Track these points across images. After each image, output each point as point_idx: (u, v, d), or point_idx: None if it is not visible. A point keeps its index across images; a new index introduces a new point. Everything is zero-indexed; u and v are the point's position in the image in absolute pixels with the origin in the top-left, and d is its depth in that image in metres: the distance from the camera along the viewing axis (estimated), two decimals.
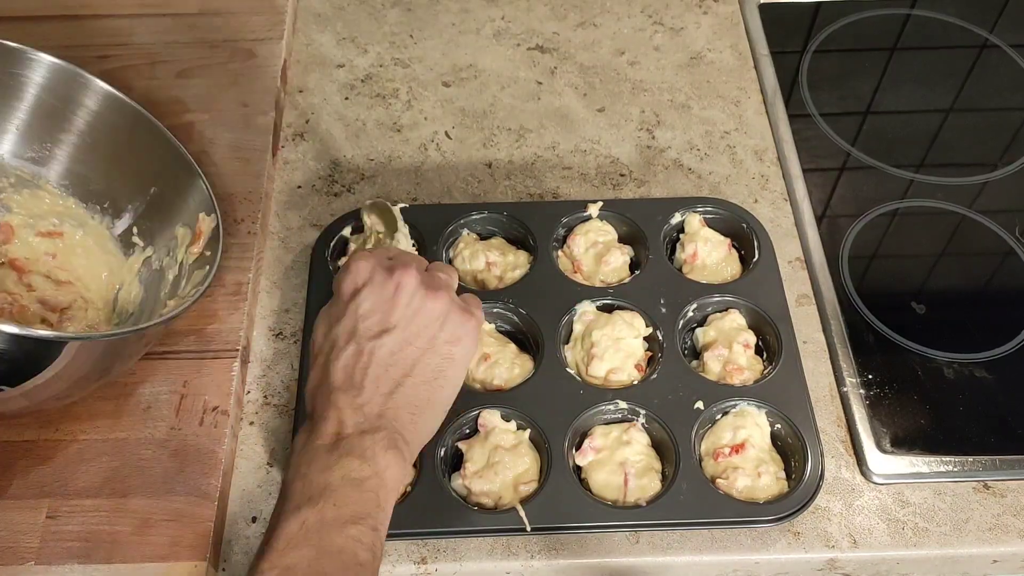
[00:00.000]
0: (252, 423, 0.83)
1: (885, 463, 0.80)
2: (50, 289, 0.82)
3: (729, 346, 0.83)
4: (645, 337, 0.84)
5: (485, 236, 0.92)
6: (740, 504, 0.76)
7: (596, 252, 0.89)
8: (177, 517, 0.74)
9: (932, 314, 0.91)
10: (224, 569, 0.75)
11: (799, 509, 0.75)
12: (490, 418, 0.79)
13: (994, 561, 0.79)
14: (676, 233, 0.92)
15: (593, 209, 0.91)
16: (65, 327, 0.80)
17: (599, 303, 0.86)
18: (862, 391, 0.85)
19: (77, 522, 0.73)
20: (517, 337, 0.86)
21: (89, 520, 0.73)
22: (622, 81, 1.08)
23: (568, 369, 0.82)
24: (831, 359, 0.87)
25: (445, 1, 1.16)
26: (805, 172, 1.00)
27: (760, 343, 0.85)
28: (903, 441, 0.82)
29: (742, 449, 0.78)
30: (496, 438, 0.78)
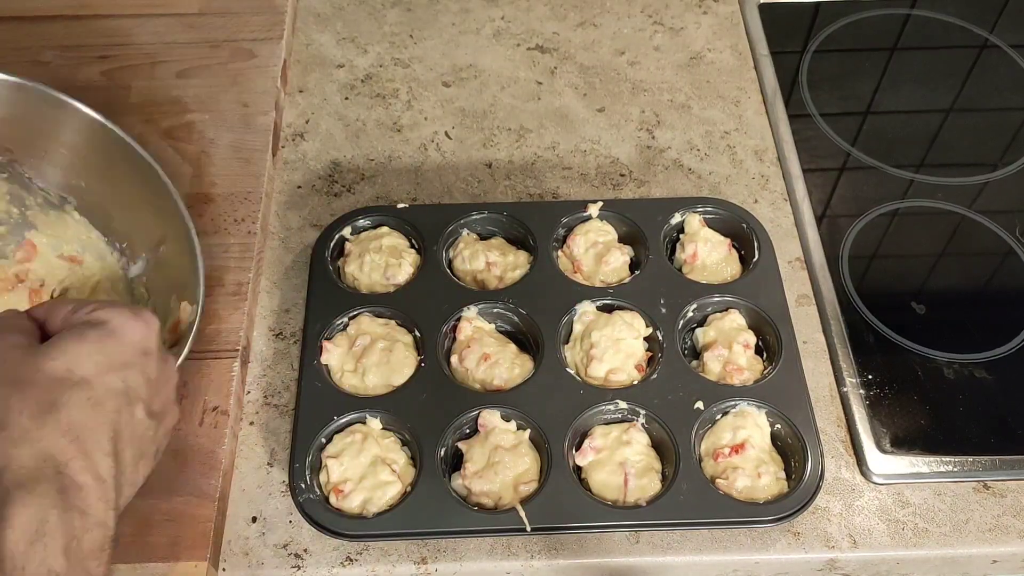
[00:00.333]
0: (252, 423, 0.83)
1: (885, 463, 0.80)
2: None
3: (729, 346, 0.83)
4: (645, 337, 0.84)
5: (485, 236, 0.92)
6: (740, 504, 0.76)
7: (596, 252, 0.89)
8: (177, 517, 0.74)
9: (932, 314, 0.91)
10: (224, 569, 0.75)
11: (799, 509, 0.75)
12: (490, 418, 0.79)
13: (994, 561, 0.79)
14: (676, 233, 0.92)
15: (593, 209, 0.91)
16: None
17: (599, 303, 0.86)
18: (862, 391, 0.85)
19: None
20: (517, 337, 0.86)
21: None
22: (622, 81, 1.08)
23: (568, 369, 0.82)
24: (831, 359, 0.87)
25: (445, 1, 1.16)
26: (805, 172, 1.00)
27: (760, 343, 0.85)
28: (903, 441, 0.82)
29: (742, 449, 0.78)
30: (496, 438, 0.78)
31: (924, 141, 1.05)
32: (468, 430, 0.80)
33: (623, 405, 0.80)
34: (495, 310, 0.86)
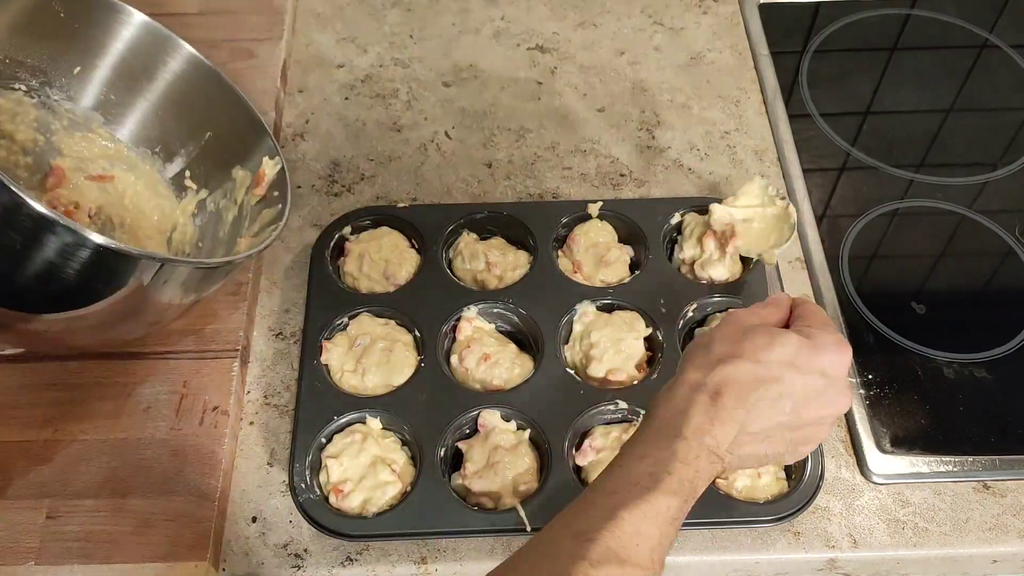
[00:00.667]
0: (252, 423, 0.83)
1: (885, 463, 0.80)
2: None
3: None
4: (645, 337, 0.84)
5: (485, 236, 0.92)
6: (740, 504, 0.76)
7: (596, 252, 0.89)
8: (177, 517, 0.74)
9: (932, 314, 0.91)
10: (224, 569, 0.75)
11: (799, 509, 0.75)
12: (490, 418, 0.79)
13: (994, 561, 0.79)
14: (676, 233, 0.92)
15: (593, 209, 0.91)
16: None
17: (599, 303, 0.86)
18: (862, 391, 0.85)
19: (77, 522, 0.73)
20: (517, 337, 0.86)
21: (89, 520, 0.73)
22: (622, 81, 1.08)
23: (568, 369, 0.82)
24: None
25: (445, 1, 1.16)
26: (805, 172, 1.00)
27: None
28: (903, 441, 0.82)
29: None
30: (496, 438, 0.78)
31: (924, 141, 1.05)
32: (468, 430, 0.80)
33: (623, 405, 0.80)
34: (495, 310, 0.86)
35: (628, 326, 0.83)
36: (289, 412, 0.83)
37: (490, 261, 0.88)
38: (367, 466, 0.77)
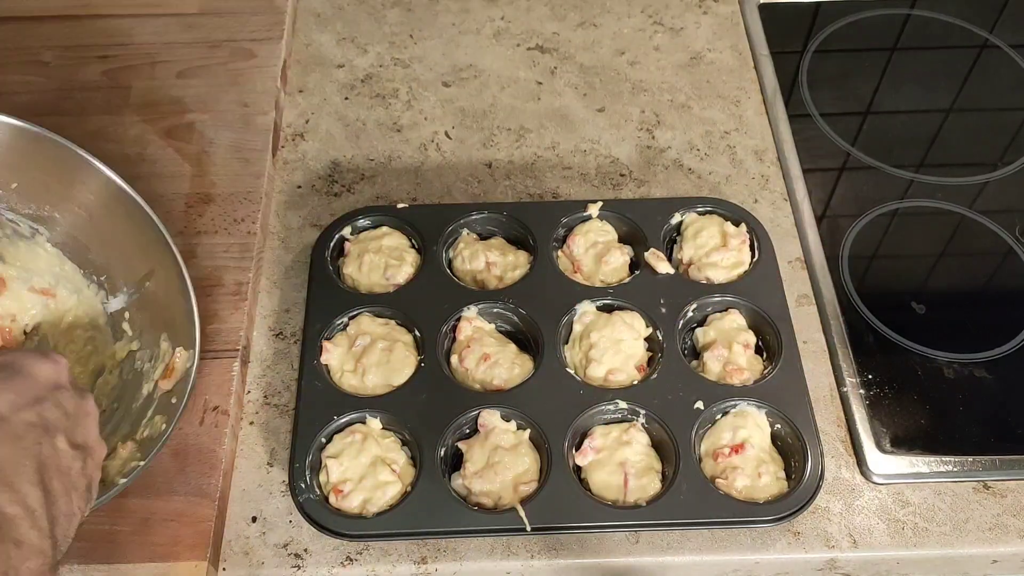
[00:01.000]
0: (252, 423, 0.83)
1: (885, 463, 0.80)
2: None
3: (729, 346, 0.83)
4: (645, 337, 0.84)
5: (485, 236, 0.92)
6: (740, 504, 0.76)
7: (596, 252, 0.89)
8: (177, 517, 0.74)
9: (932, 314, 0.91)
10: (224, 569, 0.75)
11: (799, 509, 0.75)
12: (490, 418, 0.79)
13: (994, 561, 0.79)
14: (676, 233, 0.92)
15: (593, 209, 0.91)
16: None
17: (599, 303, 0.86)
18: (862, 391, 0.85)
19: None
20: (517, 337, 0.86)
21: (89, 520, 0.72)
22: (622, 81, 1.08)
23: (568, 369, 0.82)
24: (831, 359, 0.87)
25: (445, 1, 1.16)
26: (805, 172, 1.00)
27: (760, 343, 0.85)
28: (903, 441, 0.82)
29: (742, 449, 0.78)
30: (496, 438, 0.78)
31: (924, 141, 1.05)
32: (468, 430, 0.80)
33: (623, 405, 0.80)
34: (495, 310, 0.86)
35: (628, 326, 0.83)
36: (289, 412, 0.83)
37: (490, 261, 0.88)
38: (367, 466, 0.77)
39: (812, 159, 1.01)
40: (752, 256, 0.89)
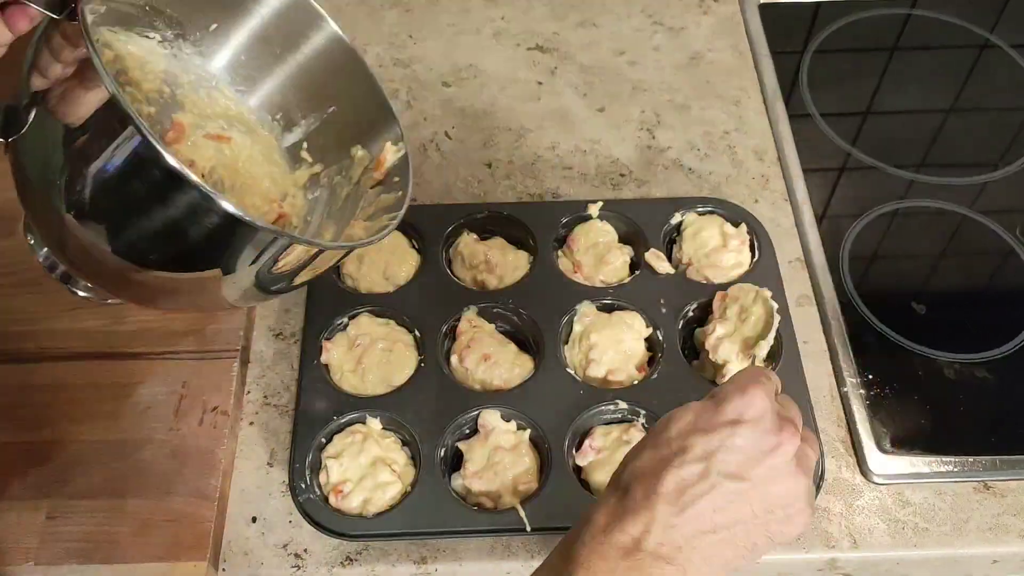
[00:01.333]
0: (252, 423, 0.83)
1: (885, 463, 0.80)
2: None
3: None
4: (645, 338, 0.84)
5: (485, 236, 0.92)
6: None
7: (596, 252, 0.89)
8: (177, 517, 0.74)
9: (932, 314, 0.91)
10: (224, 569, 0.75)
11: None
12: (490, 418, 0.79)
13: (994, 561, 0.79)
14: (676, 233, 0.92)
15: (593, 209, 0.91)
16: None
17: (599, 303, 0.86)
18: (862, 391, 0.85)
19: (76, 523, 0.73)
20: (517, 337, 0.86)
21: (89, 521, 0.73)
22: (622, 81, 1.08)
23: (568, 369, 0.82)
24: (831, 359, 0.87)
25: (445, 1, 1.16)
26: (805, 172, 1.00)
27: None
28: (903, 441, 0.82)
29: None
30: (496, 438, 0.78)
31: (924, 141, 1.05)
32: (468, 430, 0.80)
33: (623, 405, 0.80)
34: (495, 310, 0.86)
35: (628, 326, 0.83)
36: (289, 412, 0.83)
37: (490, 261, 0.88)
38: (367, 466, 0.77)
39: (812, 159, 1.01)
40: (752, 256, 0.89)
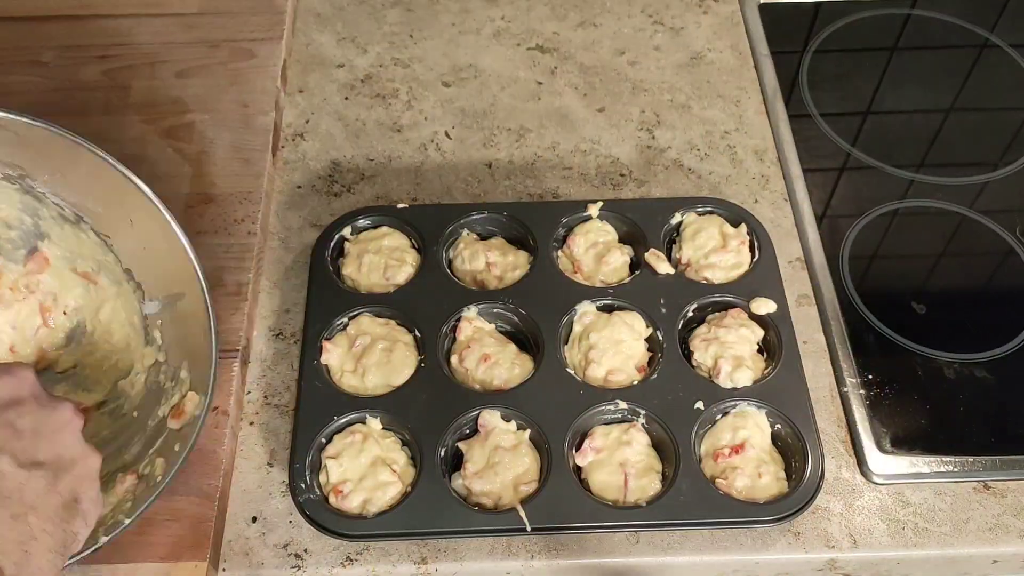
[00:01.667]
0: (252, 423, 0.83)
1: (885, 463, 0.80)
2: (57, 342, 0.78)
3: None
4: (645, 338, 0.84)
5: (485, 236, 0.92)
6: (740, 504, 0.76)
7: (596, 252, 0.89)
8: (177, 517, 0.74)
9: (932, 314, 0.91)
10: (224, 569, 0.75)
11: (799, 509, 0.75)
12: (490, 418, 0.79)
13: (994, 561, 0.79)
14: (676, 233, 0.92)
15: (593, 209, 0.91)
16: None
17: (599, 303, 0.86)
18: (862, 391, 0.85)
19: None
20: (517, 337, 0.86)
21: None
22: (622, 81, 1.08)
23: (568, 369, 0.82)
24: (831, 359, 0.87)
25: (445, 1, 1.16)
26: (805, 172, 1.00)
27: (760, 343, 0.85)
28: (903, 441, 0.82)
29: (742, 450, 0.78)
30: (496, 438, 0.78)
31: (924, 141, 1.05)
32: (468, 430, 0.80)
33: (623, 405, 0.80)
34: (495, 310, 0.86)
35: (628, 326, 0.83)
36: (289, 412, 0.83)
37: (490, 261, 0.88)
38: (367, 466, 0.77)
39: (812, 159, 1.01)
40: (752, 256, 0.89)
